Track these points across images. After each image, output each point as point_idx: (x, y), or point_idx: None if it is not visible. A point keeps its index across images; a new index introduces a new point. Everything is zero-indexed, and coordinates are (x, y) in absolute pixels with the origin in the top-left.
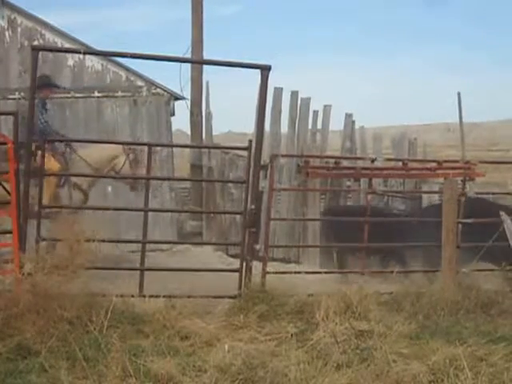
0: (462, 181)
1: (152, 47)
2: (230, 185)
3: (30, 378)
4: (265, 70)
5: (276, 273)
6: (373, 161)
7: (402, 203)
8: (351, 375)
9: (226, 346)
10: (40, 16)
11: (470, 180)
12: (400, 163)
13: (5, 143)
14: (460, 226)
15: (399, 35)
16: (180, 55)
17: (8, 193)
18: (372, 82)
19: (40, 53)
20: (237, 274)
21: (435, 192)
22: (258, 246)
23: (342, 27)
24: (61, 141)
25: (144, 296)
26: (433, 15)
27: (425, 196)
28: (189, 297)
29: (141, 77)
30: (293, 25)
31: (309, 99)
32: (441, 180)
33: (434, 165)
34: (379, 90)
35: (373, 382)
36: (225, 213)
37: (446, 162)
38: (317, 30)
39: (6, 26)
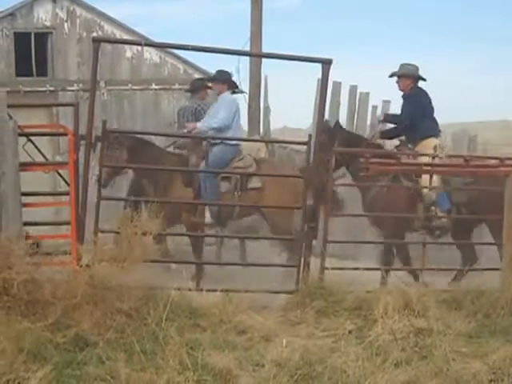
0: None
1: (208, 40)
2: None
3: (88, 369)
4: (326, 64)
5: (334, 268)
6: (434, 157)
7: None
8: (410, 372)
9: (284, 341)
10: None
11: None
12: (461, 160)
13: (65, 134)
14: None
15: (457, 31)
16: (238, 48)
17: (67, 184)
18: (431, 79)
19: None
20: (294, 270)
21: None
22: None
23: (401, 22)
24: (119, 132)
25: (201, 290)
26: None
27: None
28: (245, 291)
29: (198, 70)
30: (352, 18)
31: (367, 94)
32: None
33: (495, 162)
34: (438, 87)
35: (432, 380)
36: (282, 208)
37: (508, 159)
38: (376, 24)
39: (65, 18)
